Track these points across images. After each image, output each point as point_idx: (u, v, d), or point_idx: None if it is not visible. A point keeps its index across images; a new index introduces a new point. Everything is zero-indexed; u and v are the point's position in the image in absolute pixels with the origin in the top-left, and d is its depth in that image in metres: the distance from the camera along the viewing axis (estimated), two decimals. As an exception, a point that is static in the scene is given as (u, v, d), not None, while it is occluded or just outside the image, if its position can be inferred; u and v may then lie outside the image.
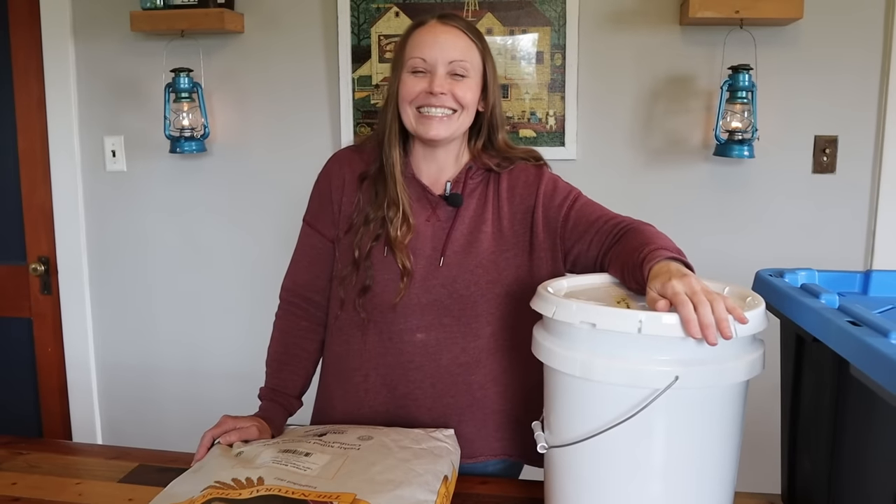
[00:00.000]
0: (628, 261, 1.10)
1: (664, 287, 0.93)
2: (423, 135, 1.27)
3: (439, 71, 1.25)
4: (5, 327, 2.63)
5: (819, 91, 2.09)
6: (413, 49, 1.27)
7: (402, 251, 1.27)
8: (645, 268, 1.03)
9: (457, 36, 1.28)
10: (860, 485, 0.88)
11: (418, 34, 1.28)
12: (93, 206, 2.49)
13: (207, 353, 2.49)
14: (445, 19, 1.29)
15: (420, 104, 1.26)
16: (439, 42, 1.26)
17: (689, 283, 0.92)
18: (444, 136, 1.27)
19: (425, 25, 1.29)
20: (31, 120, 2.49)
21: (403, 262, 1.26)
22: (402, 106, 1.28)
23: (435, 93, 1.24)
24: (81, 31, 2.40)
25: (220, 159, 2.39)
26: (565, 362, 0.95)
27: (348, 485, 0.97)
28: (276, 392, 1.37)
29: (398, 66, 1.30)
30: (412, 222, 1.29)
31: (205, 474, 1.03)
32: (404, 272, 1.26)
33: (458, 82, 1.27)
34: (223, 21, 2.19)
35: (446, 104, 1.26)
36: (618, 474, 0.95)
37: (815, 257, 2.04)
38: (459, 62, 1.26)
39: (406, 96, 1.27)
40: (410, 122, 1.28)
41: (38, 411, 2.66)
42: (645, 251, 1.06)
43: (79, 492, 1.22)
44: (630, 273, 1.09)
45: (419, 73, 1.27)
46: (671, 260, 1.03)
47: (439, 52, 1.25)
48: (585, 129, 2.20)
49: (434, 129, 1.26)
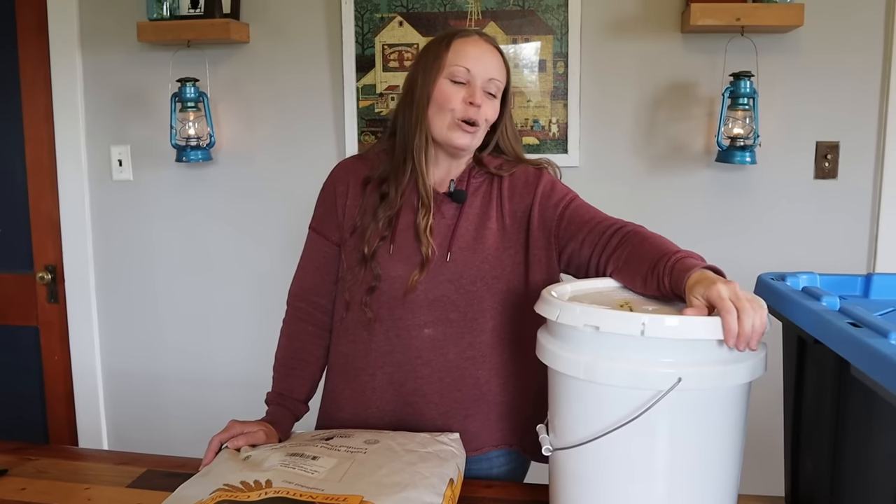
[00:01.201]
0: (652, 268, 1.10)
1: (709, 290, 0.94)
2: (453, 142, 1.30)
3: (478, 84, 1.29)
4: (13, 335, 2.64)
5: (820, 97, 2.11)
6: (457, 57, 1.29)
7: (426, 238, 1.29)
8: (680, 275, 1.04)
9: (496, 56, 1.33)
10: (862, 486, 0.89)
11: (463, 44, 1.31)
12: (100, 215, 2.51)
13: (213, 360, 2.50)
14: (486, 38, 1.34)
15: (462, 115, 1.29)
16: (485, 58, 1.30)
17: (733, 289, 0.94)
18: (469, 146, 1.32)
19: (470, 38, 1.32)
20: (39, 130, 2.51)
21: (426, 251, 1.28)
22: (439, 111, 1.30)
23: (475, 104, 1.28)
24: (88, 41, 2.43)
25: (225, 168, 2.41)
26: (569, 365, 0.96)
27: (355, 487, 0.98)
28: (283, 397, 1.39)
29: (434, 71, 1.30)
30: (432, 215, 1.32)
31: (213, 478, 1.05)
32: (424, 260, 1.28)
33: (487, 100, 1.31)
34: (229, 31, 2.22)
35: (479, 118, 1.29)
36: (622, 476, 0.96)
37: (818, 262, 2.05)
38: (496, 81, 1.31)
39: (445, 103, 1.29)
40: (443, 129, 1.30)
41: (44, 418, 2.67)
42: (672, 259, 1.08)
43: (87, 497, 1.23)
44: (655, 279, 1.09)
45: (458, 83, 1.29)
46: (705, 269, 1.05)
47: (483, 67, 1.29)
48: (588, 136, 2.21)
49: (464, 139, 1.30)
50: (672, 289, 1.05)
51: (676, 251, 1.11)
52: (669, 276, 1.06)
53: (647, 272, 1.11)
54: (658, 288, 1.08)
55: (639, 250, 1.17)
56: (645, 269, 1.12)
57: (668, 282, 1.06)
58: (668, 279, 1.06)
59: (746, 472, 1.36)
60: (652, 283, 1.10)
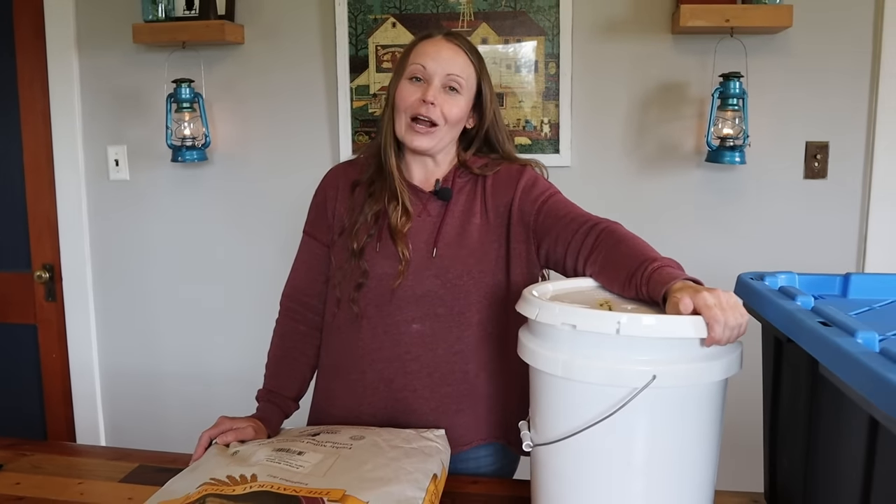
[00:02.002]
0: (630, 278, 1.12)
1: (695, 298, 0.96)
2: (409, 144, 1.34)
3: (435, 82, 1.32)
4: (11, 334, 2.67)
5: (810, 97, 2.13)
6: (415, 57, 1.34)
7: (402, 240, 1.32)
8: (657, 286, 1.06)
9: (457, 53, 1.35)
10: (831, 483, 0.91)
11: (423, 45, 1.35)
12: (96, 215, 2.53)
13: (209, 358, 2.52)
14: (450, 37, 1.36)
15: (413, 113, 1.32)
16: (441, 55, 1.33)
17: (718, 297, 0.96)
18: (426, 147, 1.34)
19: (432, 38, 1.36)
20: (36, 130, 2.53)
21: (403, 251, 1.31)
22: (397, 113, 1.34)
23: (427, 101, 1.30)
24: (85, 43, 2.45)
25: (220, 168, 2.43)
26: (548, 363, 0.98)
27: (339, 482, 1.00)
28: (272, 394, 1.41)
29: (399, 73, 1.36)
30: (411, 212, 1.34)
31: (201, 472, 1.07)
32: (403, 259, 1.31)
33: (448, 97, 1.33)
34: (223, 32, 2.24)
35: (432, 115, 1.31)
36: (600, 471, 0.98)
37: (808, 262, 2.07)
38: (455, 76, 1.33)
39: (401, 103, 1.33)
40: (401, 130, 1.34)
41: (42, 416, 2.69)
42: (650, 269, 1.10)
43: (80, 491, 1.25)
44: (633, 287, 1.11)
45: (416, 81, 1.33)
46: (686, 280, 1.07)
47: (439, 64, 1.32)
48: (579, 136, 2.23)
49: (418, 140, 1.33)
50: (650, 297, 1.07)
51: (654, 259, 1.12)
52: (647, 286, 1.08)
53: (624, 280, 1.13)
54: (636, 295, 1.10)
55: (615, 255, 1.18)
56: (623, 277, 1.14)
57: (645, 290, 1.08)
58: (646, 288, 1.08)
59: (730, 469, 1.39)
60: (630, 290, 1.12)
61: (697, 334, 0.93)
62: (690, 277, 1.08)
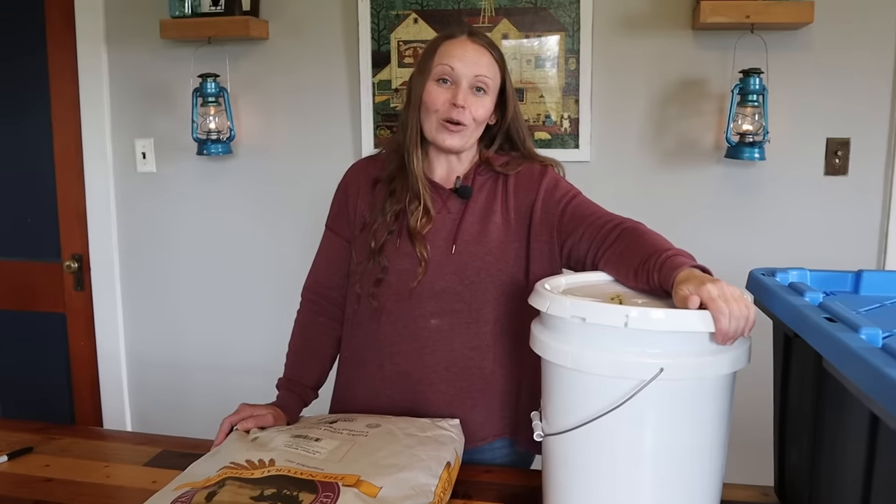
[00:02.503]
0: (643, 263, 1.14)
1: (699, 289, 0.98)
2: (441, 143, 1.36)
3: (463, 84, 1.34)
4: (41, 322, 2.74)
5: (831, 94, 2.12)
6: (442, 57, 1.35)
7: (420, 241, 1.34)
8: (668, 272, 1.07)
9: (482, 53, 1.36)
10: (835, 476, 0.92)
11: (449, 45, 1.37)
12: (124, 206, 2.59)
13: (233, 348, 2.57)
14: (474, 36, 1.38)
15: (445, 116, 1.34)
16: (468, 56, 1.35)
17: (722, 288, 0.97)
18: (458, 147, 1.37)
19: (456, 38, 1.37)
20: (66, 123, 2.59)
21: (421, 252, 1.34)
22: (426, 113, 1.36)
23: (458, 105, 1.32)
24: (114, 38, 2.50)
25: (245, 161, 2.47)
26: (558, 354, 1.00)
27: (353, 467, 1.04)
28: (292, 382, 1.45)
29: (424, 73, 1.37)
30: (432, 213, 1.37)
31: (221, 457, 1.11)
32: (422, 260, 1.33)
33: (476, 98, 1.35)
34: (248, 28, 2.28)
35: (463, 118, 1.33)
36: (607, 461, 1.00)
37: (828, 259, 2.06)
38: (482, 77, 1.35)
39: (431, 105, 1.35)
40: (431, 130, 1.36)
41: (71, 402, 2.76)
42: (663, 256, 1.12)
43: (106, 474, 1.30)
44: (645, 273, 1.13)
45: (444, 83, 1.35)
46: (693, 268, 1.08)
47: (465, 65, 1.34)
48: (599, 131, 2.25)
49: (450, 139, 1.35)
50: (661, 285, 1.09)
51: (667, 249, 1.15)
52: (658, 273, 1.10)
53: (637, 267, 1.15)
54: (647, 282, 1.12)
55: (632, 246, 1.21)
56: (636, 264, 1.16)
57: (656, 277, 1.10)
58: (657, 275, 1.10)
59: (744, 463, 1.41)
60: (642, 277, 1.14)
61: (705, 328, 0.94)
62: (698, 265, 1.10)
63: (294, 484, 0.98)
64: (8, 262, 2.74)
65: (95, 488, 1.24)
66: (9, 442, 1.42)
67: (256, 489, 0.97)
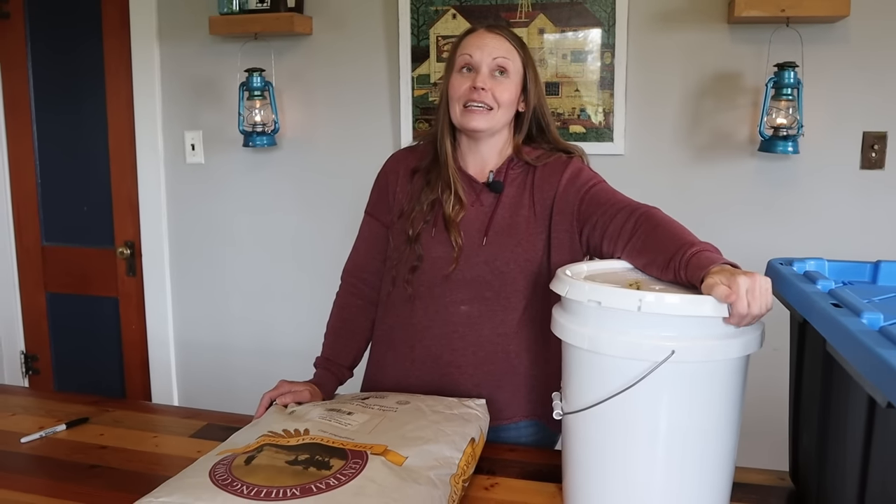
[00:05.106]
0: (669, 260, 1.15)
1: (731, 280, 0.99)
2: (465, 125, 1.41)
3: (483, 70, 1.40)
4: (96, 305, 2.88)
5: (867, 87, 2.11)
6: (462, 49, 1.43)
7: (455, 228, 1.41)
8: (696, 270, 1.08)
9: (500, 40, 1.43)
10: (840, 460, 0.95)
11: (468, 38, 1.45)
12: (174, 196, 2.71)
13: (275, 331, 2.67)
14: (492, 27, 1.44)
15: (465, 100, 1.40)
16: (485, 43, 1.41)
17: (754, 281, 0.99)
18: (483, 128, 1.41)
19: (475, 32, 1.45)
20: (120, 117, 2.72)
21: (456, 238, 1.40)
22: (451, 103, 1.43)
23: (477, 87, 1.38)
24: (166, 33, 2.62)
25: (288, 152, 2.56)
26: (576, 337, 1.05)
27: (382, 439, 1.10)
28: (329, 361, 1.52)
29: (450, 68, 1.45)
30: (464, 202, 1.43)
31: (261, 427, 1.18)
32: (456, 246, 1.40)
33: (498, 82, 1.40)
34: (293, 24, 2.36)
35: (486, 100, 1.39)
36: (623, 439, 1.04)
37: (863, 253, 2.05)
38: (501, 58, 1.41)
39: (454, 93, 1.42)
40: (456, 116, 1.42)
41: (122, 382, 2.90)
42: (689, 252, 1.13)
43: (156, 444, 1.39)
44: (671, 271, 1.14)
45: (466, 71, 1.41)
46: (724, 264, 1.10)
47: (484, 52, 1.40)
48: (633, 125, 2.27)
49: (474, 121, 1.40)
50: (689, 281, 1.11)
51: (692, 244, 1.15)
52: (685, 270, 1.11)
53: (663, 265, 1.16)
54: (675, 279, 1.14)
55: (652, 240, 1.22)
56: (662, 262, 1.17)
57: (684, 274, 1.12)
58: (685, 272, 1.11)
59: (763, 448, 1.44)
60: (668, 274, 1.15)
61: (716, 313, 0.98)
62: (728, 262, 1.11)
63: (326, 451, 1.06)
64: (65, 248, 2.89)
65: (145, 456, 1.33)
66: (66, 413, 1.52)
67: (291, 454, 1.05)
